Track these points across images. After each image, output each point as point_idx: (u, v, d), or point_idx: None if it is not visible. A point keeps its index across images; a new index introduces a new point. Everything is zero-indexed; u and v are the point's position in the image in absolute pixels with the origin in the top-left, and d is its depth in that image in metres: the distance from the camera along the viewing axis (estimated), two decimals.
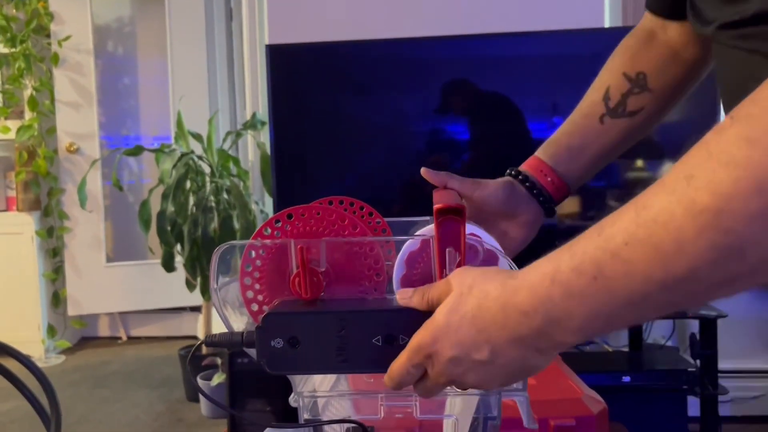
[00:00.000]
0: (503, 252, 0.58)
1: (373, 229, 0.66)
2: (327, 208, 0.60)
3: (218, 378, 2.68)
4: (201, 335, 3.46)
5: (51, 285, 3.77)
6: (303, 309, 0.55)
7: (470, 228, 0.59)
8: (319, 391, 0.60)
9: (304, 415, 0.59)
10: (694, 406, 2.03)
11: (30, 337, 3.58)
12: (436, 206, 0.54)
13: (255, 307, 0.60)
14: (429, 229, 0.59)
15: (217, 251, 0.60)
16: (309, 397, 0.59)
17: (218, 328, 3.17)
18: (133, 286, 3.83)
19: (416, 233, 0.61)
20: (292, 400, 0.60)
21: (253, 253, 0.60)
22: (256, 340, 0.54)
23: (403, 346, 0.52)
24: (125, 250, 3.94)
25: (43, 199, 3.71)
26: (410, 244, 0.59)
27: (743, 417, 2.37)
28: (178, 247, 2.83)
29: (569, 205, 2.28)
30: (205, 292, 2.85)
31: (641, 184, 2.24)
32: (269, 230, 0.60)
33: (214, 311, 3.12)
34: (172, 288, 3.60)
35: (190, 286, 2.88)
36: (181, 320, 4.05)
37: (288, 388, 2.01)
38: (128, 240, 3.97)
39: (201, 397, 2.76)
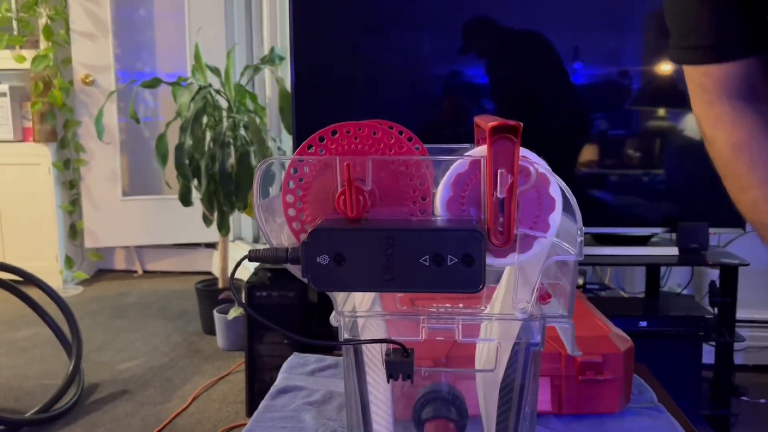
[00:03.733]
0: (556, 176, 0.56)
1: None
2: (372, 125, 0.58)
3: (234, 312, 2.71)
4: (216, 271, 3.50)
5: (68, 217, 3.80)
6: (349, 226, 0.53)
7: (522, 151, 0.57)
8: (358, 311, 0.59)
9: (344, 335, 0.59)
10: (708, 353, 2.04)
11: (48, 267, 3.63)
12: (491, 124, 0.52)
13: (297, 225, 0.59)
14: (478, 151, 0.57)
15: (261, 166, 0.58)
16: (350, 316, 0.58)
17: (234, 263, 3.20)
18: (149, 221, 3.85)
19: (465, 155, 0.59)
20: (333, 319, 0.59)
21: (296, 170, 0.58)
22: (302, 256, 0.53)
23: (450, 267, 0.51)
24: (141, 185, 3.94)
25: (59, 131, 3.70)
26: (458, 166, 0.57)
27: (756, 366, 2.39)
28: (195, 182, 2.82)
29: (588, 153, 2.24)
30: (222, 227, 2.86)
31: (662, 134, 2.19)
32: (312, 147, 0.58)
33: (230, 246, 3.14)
34: (188, 223, 3.62)
35: (207, 221, 2.89)
36: (195, 256, 4.09)
37: (305, 322, 2.03)
38: (144, 175, 3.98)
39: (217, 329, 2.81)
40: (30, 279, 2.32)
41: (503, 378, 0.60)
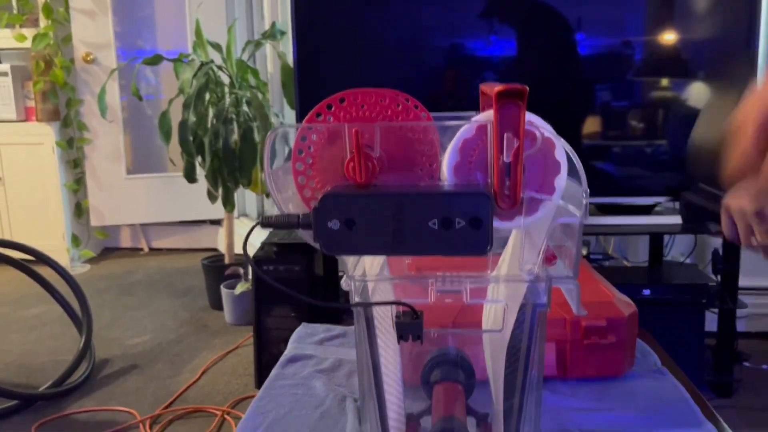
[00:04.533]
0: (562, 139, 0.57)
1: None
2: (381, 92, 0.59)
3: (241, 287, 2.74)
4: (222, 247, 3.52)
5: (73, 196, 3.82)
6: (359, 191, 0.54)
7: (528, 116, 0.57)
8: (368, 276, 0.61)
9: (355, 299, 0.60)
10: (711, 322, 2.06)
11: (55, 246, 3.66)
12: (497, 88, 0.53)
13: (308, 193, 0.60)
14: (484, 116, 0.58)
15: (271, 135, 0.59)
16: (360, 280, 0.60)
17: (240, 240, 3.22)
18: (153, 198, 3.87)
19: (471, 120, 0.60)
20: (344, 283, 0.61)
21: (305, 138, 0.59)
22: (313, 221, 0.54)
23: (458, 231, 0.52)
24: (145, 163, 3.95)
25: (62, 110, 3.70)
26: (465, 131, 0.58)
27: (759, 333, 2.41)
28: (199, 159, 2.83)
29: (591, 125, 2.24)
30: (227, 203, 2.87)
31: (666, 104, 2.19)
32: (321, 115, 0.59)
33: (235, 222, 3.15)
34: (193, 201, 3.64)
35: (212, 197, 2.91)
36: (201, 233, 4.11)
37: (311, 295, 2.05)
38: (148, 153, 3.98)
39: (225, 304, 2.84)
40: (39, 257, 2.35)
41: (510, 339, 0.62)
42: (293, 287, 2.11)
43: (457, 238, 0.53)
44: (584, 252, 2.36)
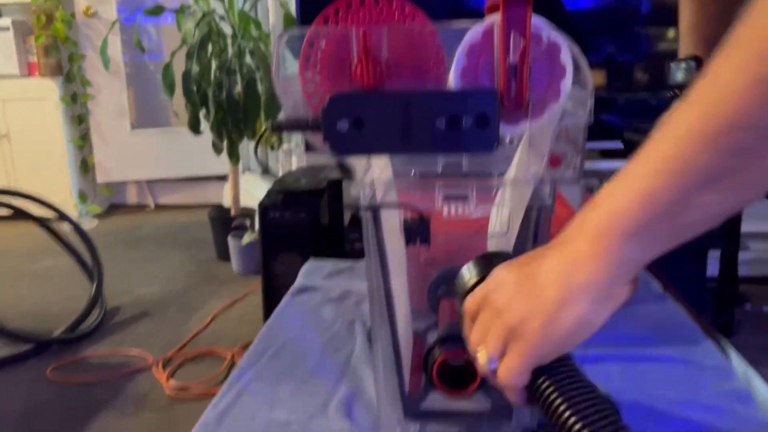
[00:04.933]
0: (568, 42, 0.57)
1: None
2: None
3: (248, 237, 2.77)
4: (227, 202, 3.54)
5: (78, 152, 3.83)
6: (367, 92, 0.55)
7: (534, 19, 0.58)
8: (378, 182, 0.62)
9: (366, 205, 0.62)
10: (713, 266, 2.08)
11: (62, 202, 3.66)
12: None
13: (316, 99, 0.61)
14: (490, 18, 0.59)
15: (280, 38, 0.60)
16: (369, 186, 0.61)
17: (245, 195, 3.23)
18: (159, 154, 3.87)
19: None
20: (353, 190, 0.62)
21: (313, 45, 0.60)
22: (322, 122, 0.55)
23: (466, 129, 0.53)
24: (149, 119, 3.95)
25: (64, 65, 3.68)
26: (472, 36, 0.58)
27: (761, 277, 2.43)
28: (203, 111, 2.83)
29: (596, 78, 2.23)
30: (232, 155, 2.88)
31: (671, 56, 2.17)
32: (329, 21, 0.60)
33: (241, 177, 3.16)
34: (198, 156, 3.64)
35: (217, 149, 2.91)
36: (206, 189, 4.13)
37: (317, 242, 2.06)
38: (151, 108, 3.98)
39: (232, 255, 2.87)
40: (49, 206, 2.37)
41: (515, 244, 0.63)
42: (299, 234, 2.12)
43: (465, 136, 0.54)
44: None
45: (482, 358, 0.43)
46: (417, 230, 0.60)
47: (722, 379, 0.78)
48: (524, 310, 0.40)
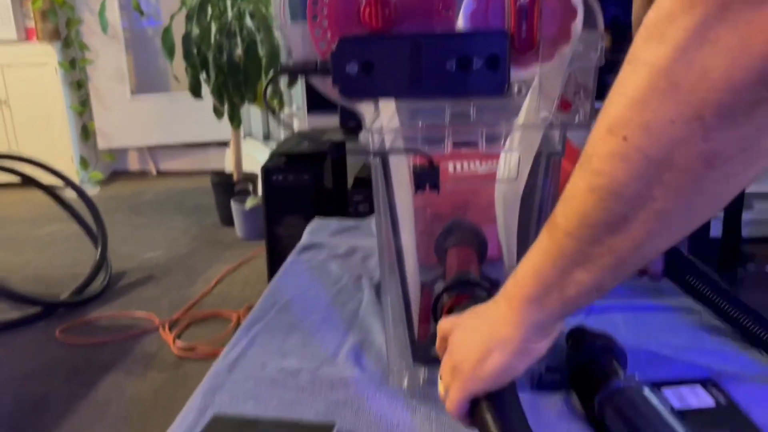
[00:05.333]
0: None
1: None
2: None
3: (251, 202, 2.77)
4: (229, 167, 3.53)
5: (79, 118, 3.81)
6: (376, 35, 0.55)
7: None
8: (386, 129, 0.62)
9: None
10: (716, 227, 2.08)
11: (64, 168, 3.65)
12: None
13: (323, 45, 0.60)
14: None
15: None
16: (378, 132, 0.61)
17: (247, 160, 3.22)
18: (159, 120, 3.85)
19: None
20: (362, 137, 0.62)
21: None
22: (331, 65, 0.54)
23: (476, 71, 0.53)
24: (148, 84, 3.92)
25: (62, 30, 3.64)
26: None
27: (764, 238, 2.44)
28: (204, 75, 2.80)
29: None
30: (234, 119, 2.87)
31: None
32: None
33: (243, 143, 3.15)
34: (199, 122, 3.62)
35: (218, 113, 2.89)
36: (208, 155, 4.12)
37: (320, 204, 2.05)
38: (150, 74, 3.94)
39: (235, 220, 2.88)
40: (52, 172, 2.37)
41: (524, 190, 0.63)
42: (302, 197, 2.12)
43: (475, 78, 0.54)
44: None
45: (440, 388, 0.52)
46: (426, 176, 0.60)
47: (725, 327, 0.79)
48: (462, 354, 0.49)
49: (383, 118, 0.64)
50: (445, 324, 0.54)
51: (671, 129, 0.32)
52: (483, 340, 0.47)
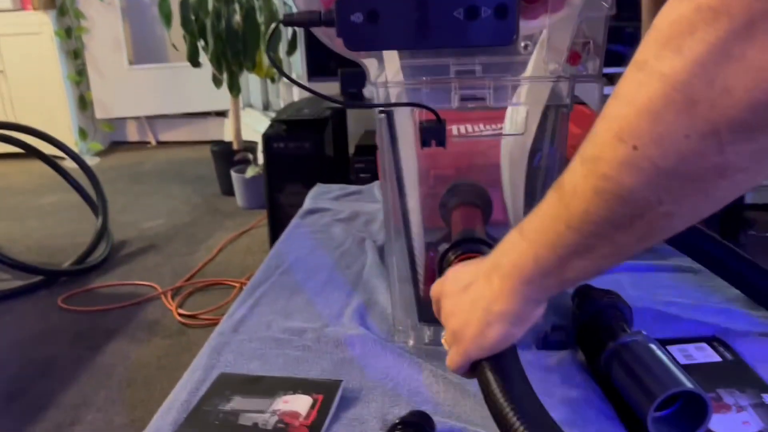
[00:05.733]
0: None
1: None
2: None
3: (251, 171, 2.76)
4: (228, 137, 3.51)
5: (76, 88, 3.77)
6: None
7: None
8: (392, 84, 0.61)
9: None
10: None
11: (62, 139, 3.61)
12: None
13: None
14: None
15: None
16: (383, 86, 0.60)
17: (246, 130, 3.20)
18: (157, 90, 3.82)
19: None
20: (366, 91, 0.61)
21: None
22: (336, 15, 0.53)
23: (484, 20, 0.52)
24: (146, 54, 3.87)
25: None
26: None
27: (766, 204, 2.42)
28: (202, 43, 2.77)
29: None
30: (233, 87, 2.84)
31: None
32: None
33: (242, 113, 3.12)
34: (197, 92, 3.59)
35: (217, 82, 2.86)
36: (207, 125, 4.09)
37: (321, 172, 2.04)
38: (148, 43, 3.89)
39: (236, 189, 2.87)
40: (52, 142, 2.36)
41: (532, 144, 0.62)
42: (303, 165, 2.11)
43: (483, 28, 0.52)
44: None
45: (444, 343, 0.54)
46: (433, 132, 0.59)
47: (731, 287, 0.79)
48: (462, 321, 0.50)
49: (388, 72, 0.63)
50: (435, 287, 0.55)
51: (685, 143, 0.32)
52: (481, 314, 0.48)
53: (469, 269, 0.52)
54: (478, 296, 0.48)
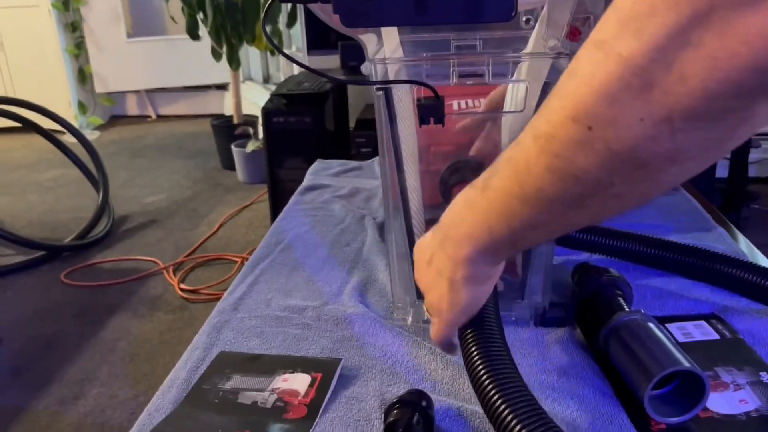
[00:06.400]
0: None
1: None
2: None
3: (252, 145, 2.75)
4: (229, 110, 3.49)
5: (75, 61, 3.74)
6: None
7: None
8: (389, 59, 0.60)
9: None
10: (722, 168, 2.06)
11: (62, 113, 3.61)
12: None
13: None
14: None
15: None
16: (381, 62, 0.59)
17: (246, 104, 3.18)
18: (157, 63, 3.79)
19: None
20: (364, 68, 0.60)
21: None
22: None
23: None
24: (145, 27, 3.83)
25: None
26: None
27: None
28: (201, 15, 2.74)
29: None
30: (232, 60, 2.81)
31: None
32: None
33: (242, 86, 3.09)
34: (197, 65, 3.56)
35: (216, 55, 2.84)
36: (207, 99, 4.07)
37: (322, 146, 2.02)
38: (147, 16, 3.85)
39: (237, 163, 2.86)
40: (52, 117, 2.35)
41: None
42: (304, 139, 2.09)
43: (482, 3, 0.51)
44: None
45: (427, 313, 0.56)
46: (431, 109, 0.58)
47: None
48: (436, 295, 0.52)
49: (386, 49, 0.62)
50: (415, 253, 0.56)
51: (639, 126, 0.31)
52: (447, 284, 0.50)
53: (429, 241, 0.53)
54: (441, 267, 0.50)
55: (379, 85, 0.59)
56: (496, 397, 0.45)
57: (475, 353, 0.49)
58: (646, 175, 0.34)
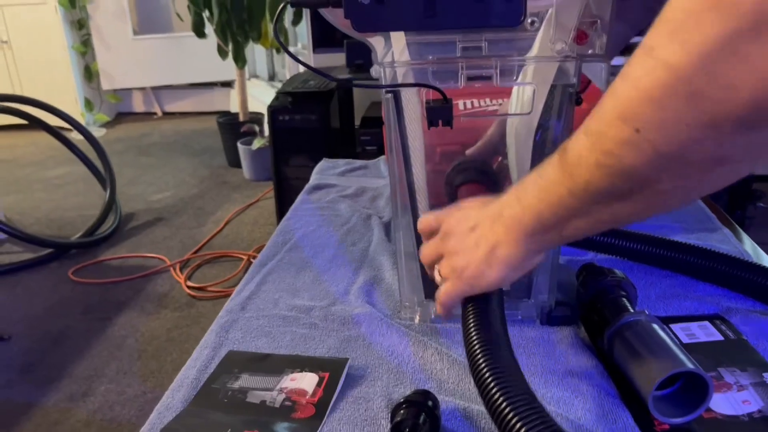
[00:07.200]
0: None
1: None
2: None
3: (258, 142, 2.76)
4: (235, 107, 3.50)
5: (81, 59, 3.76)
6: None
7: None
8: (398, 63, 0.60)
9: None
10: None
11: (68, 110, 3.62)
12: None
13: None
14: None
15: None
16: (390, 66, 0.59)
17: (252, 101, 3.19)
18: (163, 61, 3.80)
19: None
20: (374, 71, 0.61)
21: None
22: None
23: (492, 1, 0.51)
24: (151, 24, 3.84)
25: None
26: None
27: None
28: (207, 14, 2.74)
29: None
30: (238, 58, 2.82)
31: None
32: None
33: (248, 84, 3.10)
34: (203, 62, 3.57)
35: (222, 53, 2.85)
36: (213, 96, 4.08)
37: (329, 144, 2.03)
38: (153, 13, 3.86)
39: (243, 161, 2.87)
40: (58, 114, 2.36)
41: (538, 124, 0.62)
42: (310, 137, 2.10)
43: (491, 9, 0.52)
44: None
45: (437, 275, 0.58)
46: (439, 111, 0.59)
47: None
48: (465, 261, 0.53)
49: (395, 52, 0.62)
50: (440, 218, 0.58)
51: (686, 131, 0.33)
52: (483, 256, 0.52)
53: (476, 212, 0.54)
54: (483, 239, 0.52)
55: (388, 88, 0.60)
56: (491, 383, 0.45)
57: (474, 337, 0.50)
58: (692, 175, 0.35)
